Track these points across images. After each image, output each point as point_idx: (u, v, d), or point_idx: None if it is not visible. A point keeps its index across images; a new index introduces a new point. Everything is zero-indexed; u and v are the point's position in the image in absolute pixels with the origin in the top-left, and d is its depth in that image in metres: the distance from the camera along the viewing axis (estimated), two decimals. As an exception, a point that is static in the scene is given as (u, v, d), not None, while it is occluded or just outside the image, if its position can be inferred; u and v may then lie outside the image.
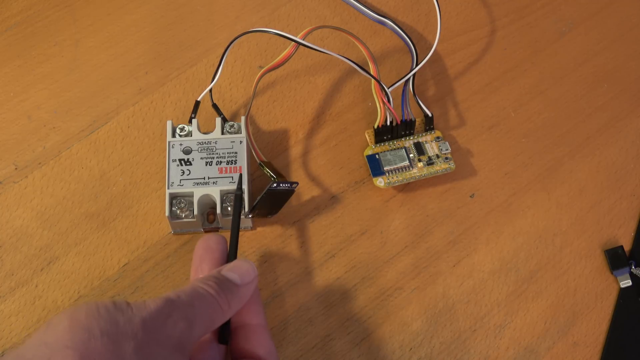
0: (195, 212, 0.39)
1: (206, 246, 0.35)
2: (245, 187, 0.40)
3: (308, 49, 0.40)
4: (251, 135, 0.42)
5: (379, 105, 0.43)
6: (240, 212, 0.37)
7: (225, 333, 0.33)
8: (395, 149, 0.44)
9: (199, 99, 0.43)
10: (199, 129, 0.42)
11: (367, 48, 0.43)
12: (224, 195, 0.40)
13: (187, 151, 0.41)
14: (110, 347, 0.26)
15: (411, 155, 0.44)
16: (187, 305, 0.30)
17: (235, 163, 0.40)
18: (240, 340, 0.34)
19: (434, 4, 0.47)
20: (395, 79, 0.45)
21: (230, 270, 0.33)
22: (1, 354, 0.38)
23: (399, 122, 0.43)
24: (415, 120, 0.44)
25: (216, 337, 0.34)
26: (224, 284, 0.32)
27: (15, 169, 0.43)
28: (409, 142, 0.44)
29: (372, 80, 0.42)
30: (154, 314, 0.28)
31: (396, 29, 0.47)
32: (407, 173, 0.43)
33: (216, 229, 0.41)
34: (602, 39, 0.51)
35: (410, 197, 0.44)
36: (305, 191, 0.43)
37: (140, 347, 0.27)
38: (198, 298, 0.31)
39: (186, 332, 0.29)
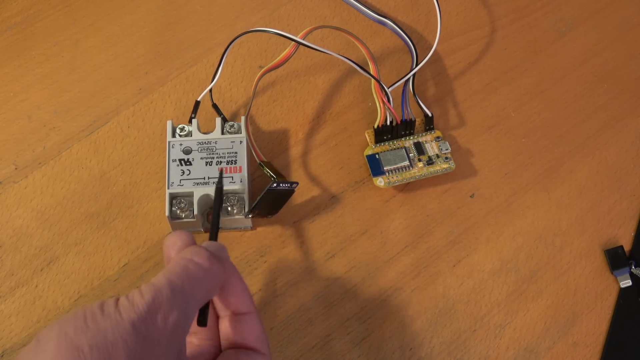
0: (195, 212, 0.39)
1: (173, 245, 0.33)
2: (245, 186, 0.40)
3: (308, 49, 0.40)
4: (251, 135, 0.42)
5: (379, 105, 0.43)
6: (221, 204, 0.37)
7: (205, 315, 0.32)
8: (395, 149, 0.44)
9: (199, 99, 0.43)
10: (199, 129, 0.42)
11: (367, 48, 0.43)
12: (224, 195, 0.40)
13: (187, 151, 0.41)
14: None
15: (411, 155, 0.44)
16: (179, 291, 0.29)
17: (235, 163, 0.40)
18: (229, 329, 0.33)
19: (434, 4, 0.47)
20: (395, 79, 0.45)
21: (206, 246, 0.32)
22: (1, 354, 0.38)
23: (399, 122, 0.43)
24: (415, 120, 0.44)
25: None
26: (210, 254, 0.31)
27: (15, 169, 0.43)
28: (409, 142, 0.44)
29: (372, 80, 0.42)
30: (143, 314, 0.27)
31: (396, 29, 0.47)
32: (407, 173, 0.43)
33: (216, 229, 0.41)
34: (602, 39, 0.51)
35: (410, 197, 0.44)
36: (305, 191, 0.43)
37: (132, 353, 0.26)
38: (188, 278, 0.30)
39: (180, 320, 0.28)
